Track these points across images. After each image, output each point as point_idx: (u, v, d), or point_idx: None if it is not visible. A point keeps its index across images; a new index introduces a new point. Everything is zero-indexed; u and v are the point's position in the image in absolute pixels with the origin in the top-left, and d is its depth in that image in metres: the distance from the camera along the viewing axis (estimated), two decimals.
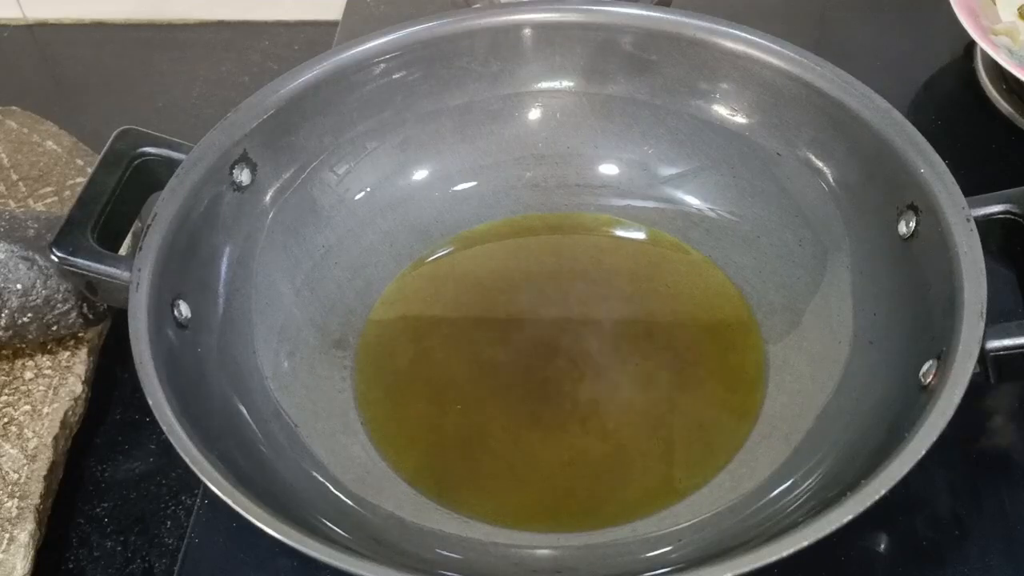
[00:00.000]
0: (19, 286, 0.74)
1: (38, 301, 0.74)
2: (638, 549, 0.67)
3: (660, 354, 0.77)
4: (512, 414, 0.74)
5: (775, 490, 0.68)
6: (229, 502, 0.59)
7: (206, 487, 0.60)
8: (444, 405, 0.75)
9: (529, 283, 0.81)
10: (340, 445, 0.73)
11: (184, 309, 0.70)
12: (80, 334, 0.79)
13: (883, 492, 0.57)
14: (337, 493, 0.70)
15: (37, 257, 0.74)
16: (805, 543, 0.56)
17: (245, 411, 0.71)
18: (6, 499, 0.71)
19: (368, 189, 0.85)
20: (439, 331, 0.79)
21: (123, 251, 0.74)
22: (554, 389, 0.75)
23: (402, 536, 0.68)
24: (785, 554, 0.55)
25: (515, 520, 0.69)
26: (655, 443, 0.72)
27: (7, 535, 0.69)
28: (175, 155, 0.75)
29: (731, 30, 0.80)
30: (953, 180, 0.69)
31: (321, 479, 0.70)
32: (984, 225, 0.67)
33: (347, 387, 0.76)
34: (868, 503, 0.56)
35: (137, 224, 0.77)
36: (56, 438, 0.74)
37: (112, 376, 0.80)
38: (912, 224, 0.71)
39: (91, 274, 0.71)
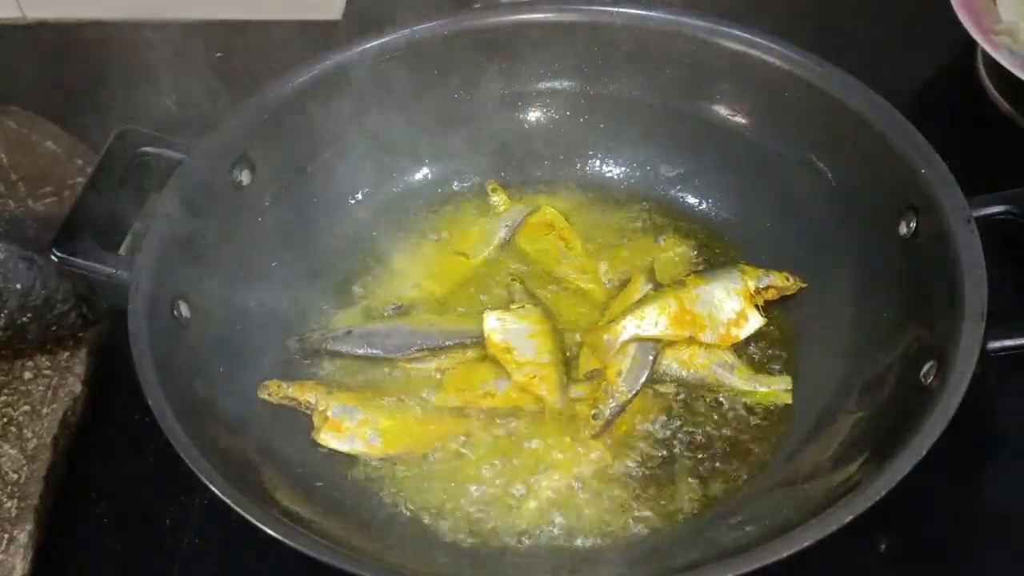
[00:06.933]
0: (19, 286, 0.73)
1: (38, 301, 0.74)
2: None
3: None
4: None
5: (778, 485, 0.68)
6: (229, 502, 0.59)
7: (206, 487, 0.60)
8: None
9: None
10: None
11: (184, 309, 0.70)
12: (80, 334, 0.79)
13: (884, 492, 0.57)
14: (337, 494, 0.70)
15: (37, 257, 0.74)
16: (805, 543, 0.56)
17: (246, 412, 0.71)
18: (6, 499, 0.71)
19: (368, 189, 0.85)
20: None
21: (123, 251, 0.74)
22: None
23: (404, 536, 0.68)
24: (786, 554, 0.56)
25: None
26: None
27: (7, 535, 0.69)
28: (175, 155, 0.75)
29: (731, 30, 0.80)
30: (953, 180, 0.69)
31: (319, 481, 0.70)
32: (984, 225, 0.67)
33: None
34: (869, 503, 0.57)
35: (137, 224, 0.77)
36: (56, 438, 0.74)
37: (112, 376, 0.80)
38: (912, 224, 0.71)
39: (91, 274, 0.71)
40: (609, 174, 0.87)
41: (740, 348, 0.76)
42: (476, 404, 0.73)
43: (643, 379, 0.73)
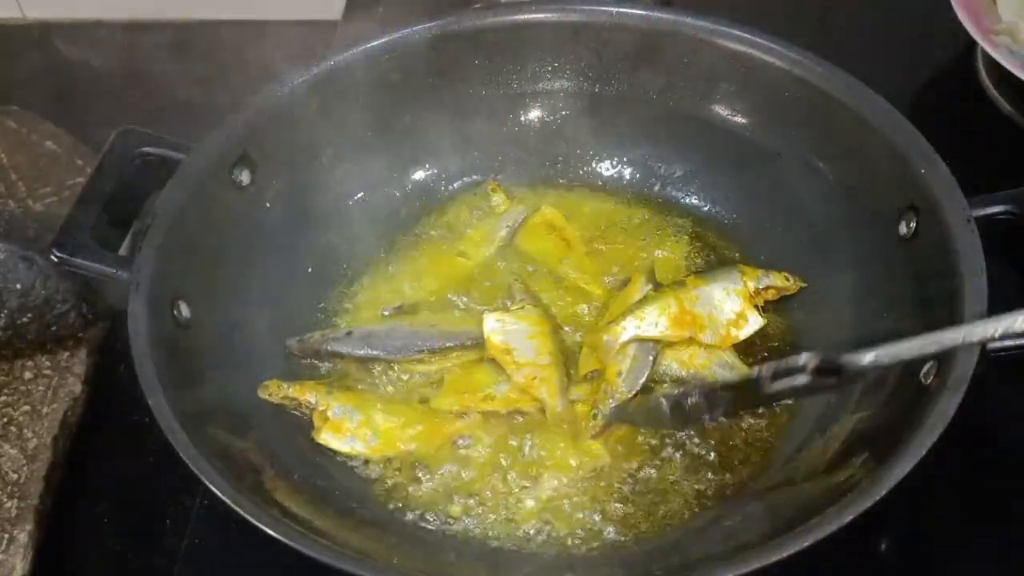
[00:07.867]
0: (19, 286, 0.74)
1: (38, 301, 0.74)
2: None
3: None
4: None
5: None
6: (229, 502, 0.59)
7: (206, 487, 0.60)
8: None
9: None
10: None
11: (184, 309, 0.70)
12: (80, 334, 0.79)
13: (884, 492, 0.57)
14: (337, 494, 0.70)
15: (37, 257, 0.74)
16: (805, 543, 0.56)
17: (246, 412, 0.71)
18: (6, 499, 0.71)
19: (368, 189, 0.85)
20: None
21: (123, 251, 0.74)
22: None
23: (404, 536, 0.68)
24: (786, 554, 0.56)
25: None
26: None
27: (7, 535, 0.69)
28: (175, 155, 0.75)
29: (731, 30, 0.80)
30: (953, 180, 0.69)
31: (320, 481, 0.70)
32: (984, 225, 0.67)
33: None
34: (869, 503, 0.57)
35: (137, 224, 0.77)
36: (56, 438, 0.74)
37: (112, 376, 0.80)
38: (912, 224, 0.71)
39: (91, 274, 0.71)
40: (609, 174, 0.87)
41: (740, 348, 0.76)
42: (476, 408, 0.73)
43: (643, 379, 0.73)
